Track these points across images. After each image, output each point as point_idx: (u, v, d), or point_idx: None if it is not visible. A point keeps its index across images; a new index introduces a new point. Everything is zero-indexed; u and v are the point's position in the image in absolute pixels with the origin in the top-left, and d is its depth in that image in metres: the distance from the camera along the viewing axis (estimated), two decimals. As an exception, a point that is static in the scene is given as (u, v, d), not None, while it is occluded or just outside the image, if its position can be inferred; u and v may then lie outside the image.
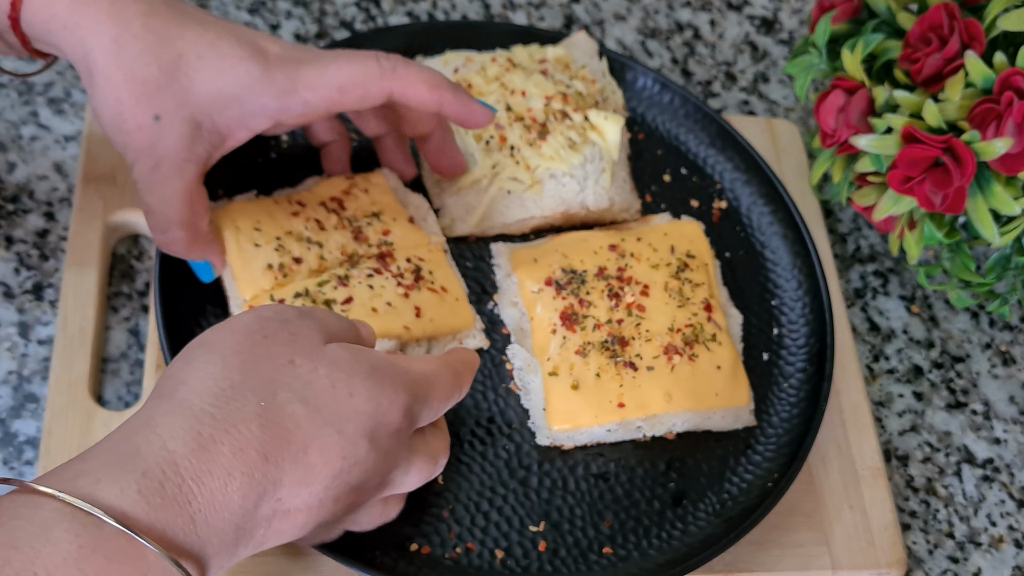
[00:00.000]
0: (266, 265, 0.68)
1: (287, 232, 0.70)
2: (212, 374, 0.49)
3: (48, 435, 0.69)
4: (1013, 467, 0.82)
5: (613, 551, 0.69)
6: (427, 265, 0.72)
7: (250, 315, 0.54)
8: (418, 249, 0.73)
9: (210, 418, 0.47)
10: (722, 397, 0.73)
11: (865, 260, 0.91)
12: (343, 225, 0.72)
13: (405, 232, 0.74)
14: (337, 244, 0.71)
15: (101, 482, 0.44)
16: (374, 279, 0.70)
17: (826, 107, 0.79)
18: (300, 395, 0.49)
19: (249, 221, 0.70)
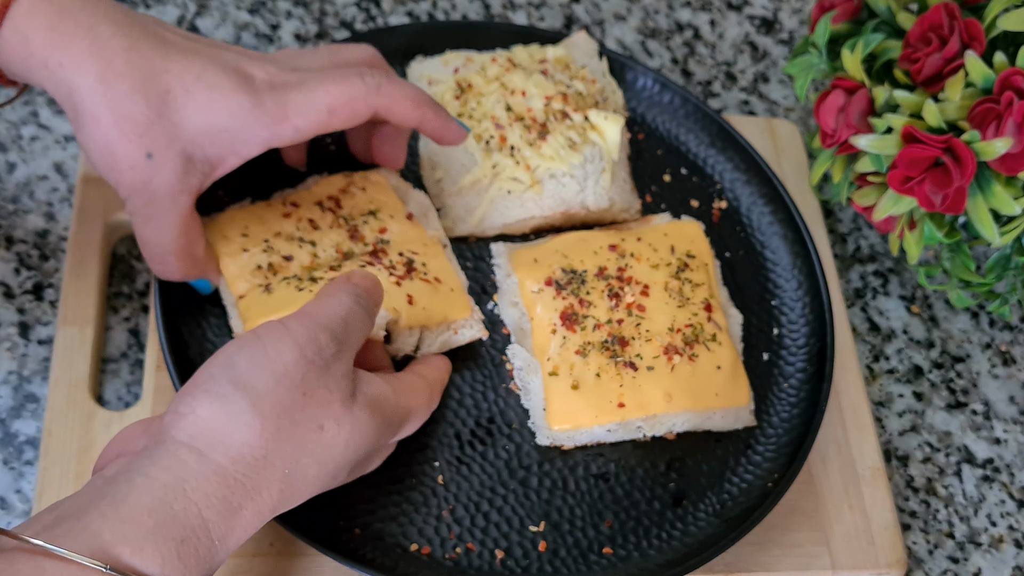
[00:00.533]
0: (255, 267, 0.69)
1: (276, 234, 0.70)
2: (250, 441, 0.51)
3: (48, 435, 0.69)
4: (1013, 467, 0.82)
5: (613, 551, 0.69)
6: (420, 258, 0.71)
7: (293, 355, 0.54)
8: (414, 244, 0.72)
9: (241, 487, 0.51)
10: (722, 397, 0.73)
11: (865, 260, 0.91)
12: (338, 224, 0.72)
13: (403, 229, 0.73)
14: (331, 242, 0.71)
15: (144, 551, 0.47)
16: (367, 270, 0.69)
17: (826, 107, 0.79)
18: (318, 460, 0.54)
19: (236, 229, 0.70)
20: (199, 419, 0.51)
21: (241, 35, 0.94)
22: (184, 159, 0.62)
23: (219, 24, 0.94)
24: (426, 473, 0.70)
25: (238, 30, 0.94)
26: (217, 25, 0.94)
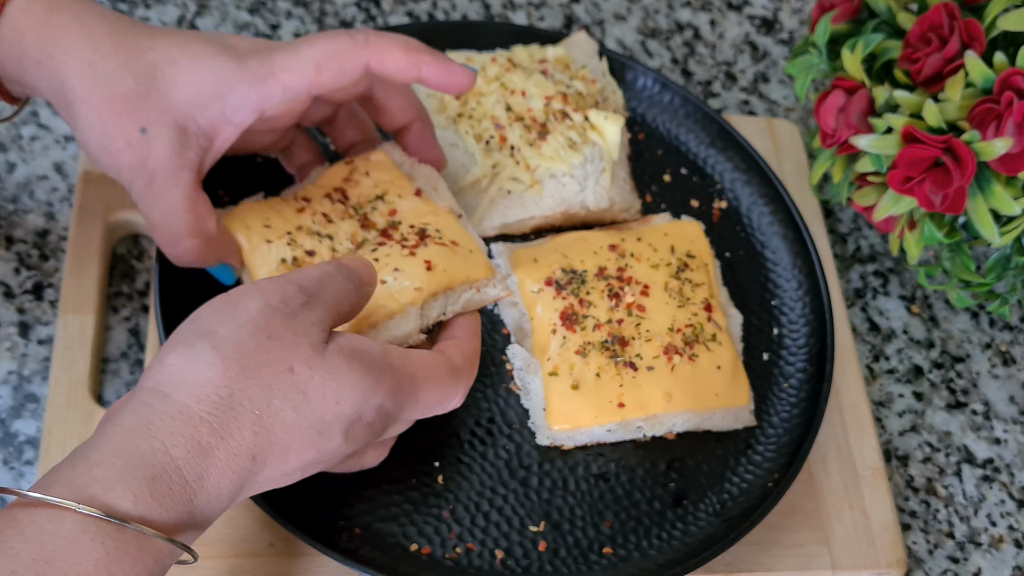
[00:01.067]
0: (279, 260, 0.67)
1: (297, 227, 0.69)
2: (212, 380, 0.51)
3: (48, 435, 0.69)
4: (1013, 467, 0.82)
5: (613, 551, 0.69)
6: (433, 225, 0.69)
7: (257, 303, 0.53)
8: (425, 217, 0.70)
9: (208, 427, 0.50)
10: (722, 397, 0.73)
11: (865, 260, 0.91)
12: (349, 215, 0.70)
13: (412, 206, 0.71)
14: (346, 234, 0.69)
15: (115, 490, 0.47)
16: (378, 251, 0.67)
17: (826, 107, 0.79)
18: (293, 403, 0.52)
19: (258, 219, 0.69)
20: (164, 366, 0.51)
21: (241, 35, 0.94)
22: (178, 131, 0.62)
23: (219, 24, 0.94)
24: (426, 473, 0.70)
25: (238, 30, 0.94)
26: (217, 25, 0.94)
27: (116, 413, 0.51)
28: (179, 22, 0.94)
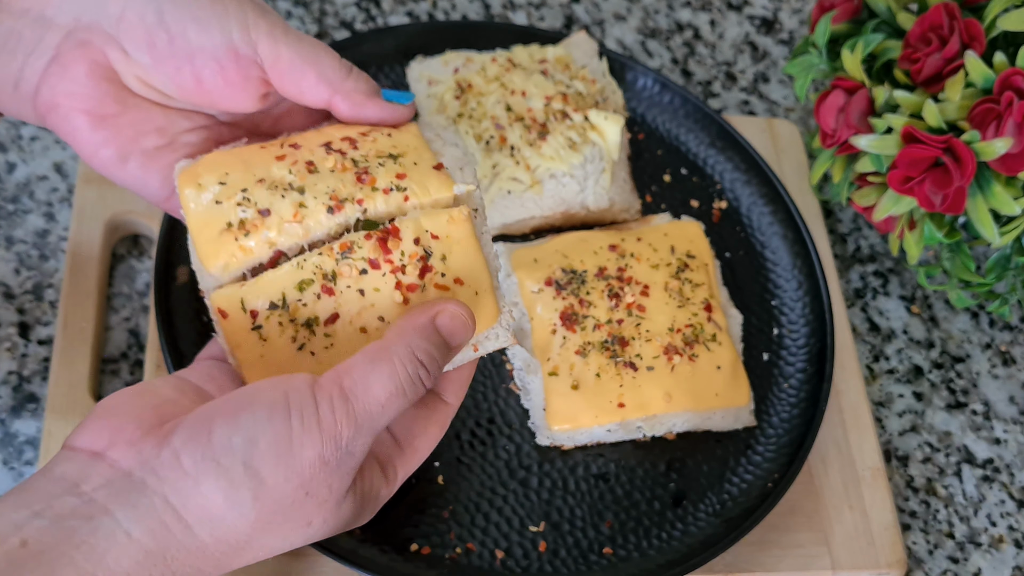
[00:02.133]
0: (225, 224, 0.56)
1: (259, 180, 0.57)
2: (239, 527, 0.50)
3: (48, 435, 0.69)
4: (1013, 467, 0.82)
5: (613, 551, 0.69)
6: (441, 246, 0.57)
7: (312, 453, 0.50)
8: (437, 220, 0.57)
9: (215, 563, 0.51)
10: (722, 397, 0.73)
11: (865, 260, 0.91)
12: (344, 167, 0.58)
13: (425, 177, 0.58)
14: (326, 188, 0.57)
15: None
16: (368, 277, 0.55)
17: (826, 107, 0.79)
18: (291, 543, 0.54)
19: (215, 174, 0.58)
20: (199, 490, 0.49)
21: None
22: None
23: (219, 24, 0.94)
24: (426, 473, 0.70)
25: (238, 30, 0.94)
26: (217, 25, 0.94)
27: (125, 511, 0.48)
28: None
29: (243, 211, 0.56)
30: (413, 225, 0.56)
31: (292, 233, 0.56)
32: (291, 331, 0.55)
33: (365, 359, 0.52)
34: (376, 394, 0.52)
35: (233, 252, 0.55)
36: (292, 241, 0.56)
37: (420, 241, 0.56)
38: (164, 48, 0.55)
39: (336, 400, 0.51)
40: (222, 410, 0.51)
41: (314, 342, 0.56)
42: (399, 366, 0.52)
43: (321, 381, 0.52)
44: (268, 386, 0.52)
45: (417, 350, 0.53)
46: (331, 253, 0.55)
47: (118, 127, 0.57)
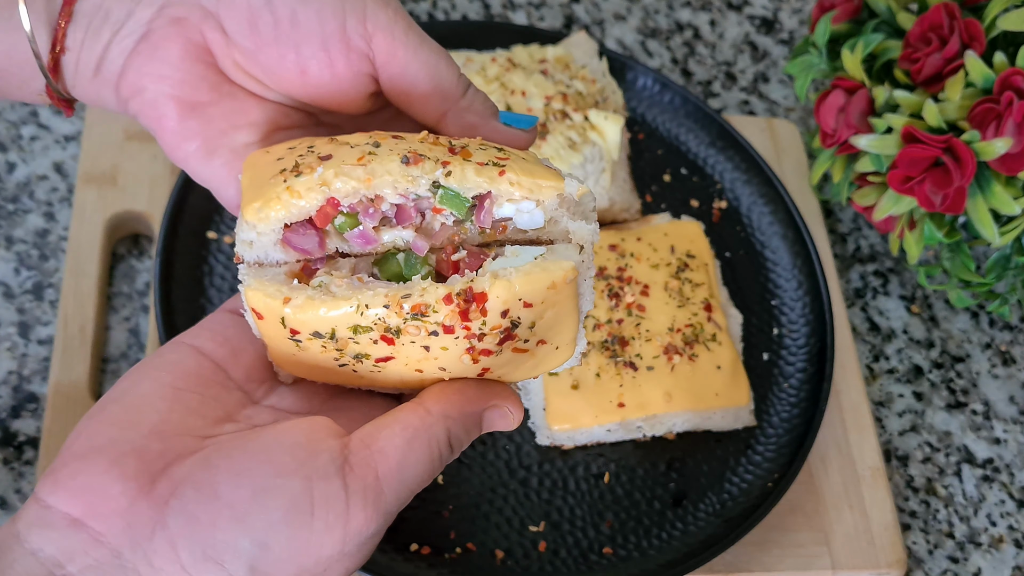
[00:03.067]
0: (278, 171, 0.47)
1: (331, 139, 0.49)
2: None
3: (48, 435, 0.69)
4: (1013, 467, 0.82)
5: (613, 551, 0.69)
6: (532, 314, 0.45)
7: (334, 550, 0.44)
8: (535, 282, 0.44)
9: None
10: (722, 397, 0.73)
11: (865, 260, 0.91)
12: (436, 141, 0.48)
13: (531, 165, 0.48)
14: (408, 147, 0.47)
15: None
16: (437, 338, 0.45)
17: (826, 107, 0.79)
18: None
19: (285, 147, 0.50)
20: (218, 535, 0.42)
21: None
22: None
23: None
24: (426, 473, 0.70)
25: (238, 30, 0.94)
26: (217, 25, 0.94)
27: None
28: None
29: (302, 158, 0.47)
30: (504, 293, 0.43)
31: (352, 175, 0.45)
32: (334, 353, 0.46)
33: (404, 440, 0.45)
34: (409, 482, 0.45)
35: (277, 193, 0.45)
36: (351, 186, 0.45)
37: (509, 314, 0.44)
38: (268, 31, 0.48)
39: (369, 492, 0.44)
40: (230, 495, 0.42)
41: (359, 366, 0.47)
42: (435, 451, 0.46)
43: (353, 462, 0.44)
44: (289, 463, 0.43)
45: (454, 438, 0.47)
46: (399, 310, 0.44)
47: (208, 118, 0.50)
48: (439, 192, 0.45)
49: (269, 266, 0.47)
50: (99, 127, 0.81)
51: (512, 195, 0.46)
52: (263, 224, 0.45)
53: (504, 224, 0.47)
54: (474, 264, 0.46)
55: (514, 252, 0.46)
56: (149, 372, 0.47)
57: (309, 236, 0.46)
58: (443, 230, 0.47)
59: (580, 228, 0.47)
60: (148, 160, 0.80)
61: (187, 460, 0.43)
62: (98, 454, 0.43)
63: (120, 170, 0.80)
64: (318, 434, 0.45)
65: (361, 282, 0.45)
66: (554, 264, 0.45)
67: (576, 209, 0.48)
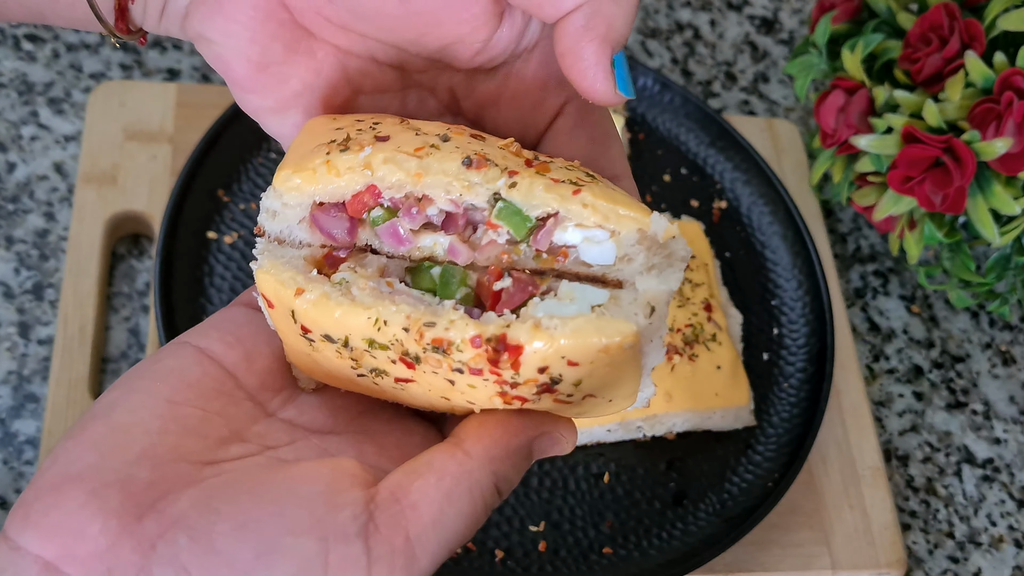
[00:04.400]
0: (328, 140, 0.41)
1: (401, 121, 0.42)
2: None
3: (48, 435, 0.69)
4: (1013, 467, 0.82)
5: (613, 551, 0.69)
6: (578, 372, 0.37)
7: None
8: (583, 341, 0.36)
9: None
10: (722, 397, 0.73)
11: (865, 260, 0.91)
12: (517, 152, 0.41)
13: (615, 194, 0.40)
14: (478, 148, 0.40)
15: None
16: (464, 377, 0.38)
17: (826, 107, 0.79)
18: None
19: (354, 116, 0.43)
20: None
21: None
22: None
23: (219, 24, 0.94)
24: (426, 473, 0.70)
25: (238, 30, 0.94)
26: (217, 25, 0.94)
27: None
28: (179, 22, 0.94)
29: (359, 133, 0.41)
30: (544, 348, 0.36)
31: (402, 166, 0.39)
32: (350, 362, 0.40)
33: (441, 493, 0.38)
34: (448, 541, 0.38)
35: (314, 165, 0.39)
36: (397, 177, 0.39)
37: (548, 370, 0.36)
38: None
39: (397, 557, 0.36)
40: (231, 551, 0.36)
41: (380, 380, 0.41)
42: (478, 502, 0.38)
43: (380, 521, 0.37)
44: (305, 519, 0.36)
45: (502, 480, 0.40)
46: (419, 339, 0.37)
47: (283, 77, 0.44)
48: (498, 205, 0.39)
49: (290, 245, 0.41)
50: (99, 127, 0.81)
51: (583, 219, 0.38)
52: (291, 195, 0.40)
53: (566, 251, 0.39)
54: (518, 298, 0.38)
55: (568, 294, 0.37)
56: (142, 382, 0.41)
57: (340, 220, 0.40)
58: (490, 247, 0.40)
59: (652, 286, 0.37)
60: (148, 160, 0.80)
61: (182, 495, 0.37)
62: (75, 485, 0.36)
63: (120, 170, 0.80)
64: (341, 483, 0.37)
65: (390, 288, 0.39)
66: (612, 325, 0.36)
67: (658, 253, 0.39)
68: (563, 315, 0.36)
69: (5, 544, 0.36)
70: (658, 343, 0.39)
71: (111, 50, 0.88)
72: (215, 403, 0.41)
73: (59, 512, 0.36)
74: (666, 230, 0.38)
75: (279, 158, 0.80)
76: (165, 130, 0.81)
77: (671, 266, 0.39)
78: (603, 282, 0.39)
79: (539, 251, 0.39)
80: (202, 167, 0.76)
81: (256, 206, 0.77)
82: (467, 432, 0.40)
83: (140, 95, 0.82)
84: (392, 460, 0.41)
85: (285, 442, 0.42)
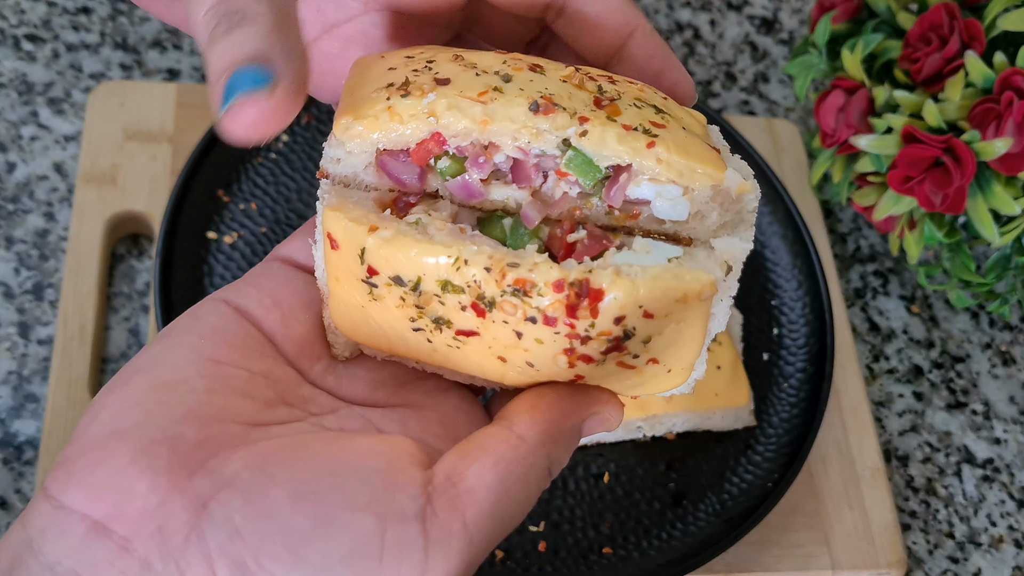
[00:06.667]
0: (385, 84, 0.39)
1: (456, 56, 0.41)
2: None
3: (48, 435, 0.69)
4: (1013, 467, 0.82)
5: (613, 551, 0.69)
6: (651, 327, 0.37)
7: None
8: (663, 290, 0.36)
9: None
10: (722, 397, 0.73)
11: (865, 260, 0.91)
12: (581, 84, 0.40)
13: (690, 142, 0.39)
14: (543, 87, 0.39)
15: None
16: (535, 327, 0.37)
17: (826, 107, 0.79)
18: None
19: (404, 53, 0.42)
20: None
21: None
22: None
23: (219, 24, 0.94)
24: (426, 473, 0.70)
25: (238, 30, 0.94)
26: (217, 25, 0.94)
27: None
28: (179, 22, 0.94)
29: (416, 74, 0.39)
30: (624, 295, 0.36)
31: (468, 113, 0.38)
32: (412, 311, 0.39)
33: (497, 477, 0.37)
34: (504, 525, 0.37)
35: (375, 112, 0.38)
36: (463, 125, 0.38)
37: (624, 322, 0.36)
38: None
39: (454, 542, 0.35)
40: (286, 519, 0.34)
41: (436, 336, 0.40)
42: (532, 484, 0.38)
43: (437, 505, 0.36)
44: (364, 495, 0.35)
45: (554, 463, 0.39)
46: (500, 278, 0.36)
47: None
48: (568, 153, 0.38)
49: (356, 188, 0.40)
50: (99, 127, 0.81)
51: (656, 174, 0.37)
52: (353, 143, 0.38)
53: (638, 208, 0.39)
54: (593, 250, 0.38)
55: (644, 247, 0.37)
56: (184, 338, 0.39)
57: (409, 166, 0.39)
58: (563, 200, 0.39)
59: (729, 245, 0.38)
60: (148, 160, 0.80)
61: (233, 455, 0.35)
62: (121, 441, 0.35)
63: (120, 170, 0.80)
64: (400, 462, 0.37)
65: (463, 233, 0.37)
66: (690, 274, 0.36)
67: (730, 207, 0.39)
68: (642, 264, 0.36)
69: (48, 503, 0.34)
70: (724, 307, 0.39)
71: (111, 50, 0.88)
72: (259, 364, 0.39)
73: (105, 469, 0.34)
74: (739, 185, 0.38)
75: (279, 158, 0.80)
76: (165, 130, 0.81)
77: (743, 221, 0.39)
78: (675, 239, 0.39)
79: (611, 207, 0.39)
80: (202, 167, 0.76)
81: (256, 206, 0.78)
82: (519, 414, 0.39)
83: (140, 95, 0.82)
84: (436, 436, 0.41)
85: (328, 409, 0.41)
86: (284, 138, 0.81)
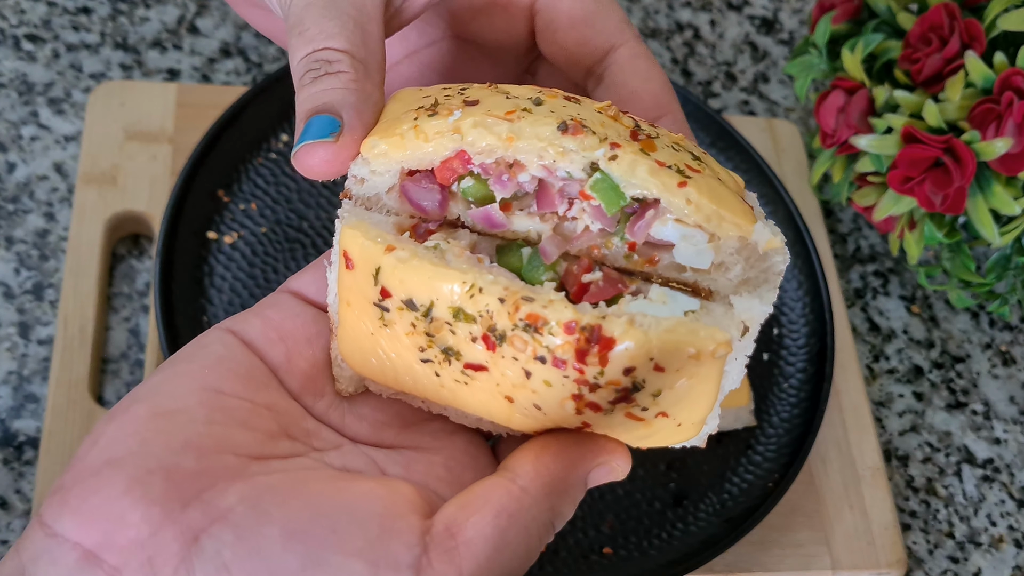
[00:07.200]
0: (416, 107, 0.40)
1: (489, 84, 0.41)
2: None
3: (48, 435, 0.69)
4: (1013, 467, 0.82)
5: (613, 551, 0.69)
6: (661, 381, 0.36)
7: None
8: (674, 345, 0.35)
9: None
10: (722, 397, 0.73)
11: (865, 260, 0.91)
12: (616, 117, 0.39)
13: (720, 191, 0.38)
14: (574, 112, 0.38)
15: None
16: (544, 367, 0.36)
17: (826, 107, 0.79)
18: None
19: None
20: None
21: (241, 35, 0.94)
22: None
23: (219, 24, 0.94)
24: (426, 473, 0.70)
25: (238, 30, 0.94)
26: (217, 25, 0.94)
27: None
28: (179, 22, 0.94)
29: (447, 98, 0.40)
30: (635, 346, 0.35)
31: (493, 130, 0.37)
32: (422, 339, 0.38)
33: (496, 529, 0.36)
34: (508, 557, 0.37)
35: (401, 131, 0.38)
36: (487, 141, 0.37)
37: (634, 373, 0.36)
38: None
39: None
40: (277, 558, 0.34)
41: (445, 369, 0.39)
42: (534, 538, 0.37)
43: (433, 556, 0.35)
44: (357, 540, 0.34)
45: (557, 517, 0.39)
46: (513, 311, 0.36)
47: None
48: (594, 177, 0.37)
49: (378, 211, 0.40)
50: (99, 127, 0.81)
51: (684, 215, 0.36)
52: (378, 162, 0.39)
53: (659, 255, 0.38)
54: (607, 293, 0.37)
55: (661, 296, 0.37)
56: (187, 367, 0.39)
57: (431, 192, 0.39)
58: (584, 236, 0.38)
59: (749, 306, 0.37)
60: (148, 160, 0.80)
61: (229, 488, 0.35)
62: (115, 470, 0.35)
63: (120, 170, 0.80)
64: (399, 508, 0.36)
65: (480, 263, 0.37)
66: (706, 330, 0.35)
67: (756, 264, 0.37)
68: (657, 315, 0.35)
69: (41, 530, 0.34)
70: (739, 365, 0.38)
71: (111, 50, 0.88)
72: (263, 396, 0.39)
73: (99, 498, 0.34)
74: (768, 241, 0.37)
75: (279, 158, 0.80)
76: (165, 130, 0.81)
77: (767, 281, 0.38)
78: (694, 289, 0.38)
79: (632, 246, 0.38)
80: (202, 167, 0.76)
81: (256, 206, 0.78)
82: (522, 464, 0.38)
83: (140, 95, 0.82)
84: (440, 480, 0.40)
85: (332, 445, 0.40)
86: (284, 138, 0.81)
